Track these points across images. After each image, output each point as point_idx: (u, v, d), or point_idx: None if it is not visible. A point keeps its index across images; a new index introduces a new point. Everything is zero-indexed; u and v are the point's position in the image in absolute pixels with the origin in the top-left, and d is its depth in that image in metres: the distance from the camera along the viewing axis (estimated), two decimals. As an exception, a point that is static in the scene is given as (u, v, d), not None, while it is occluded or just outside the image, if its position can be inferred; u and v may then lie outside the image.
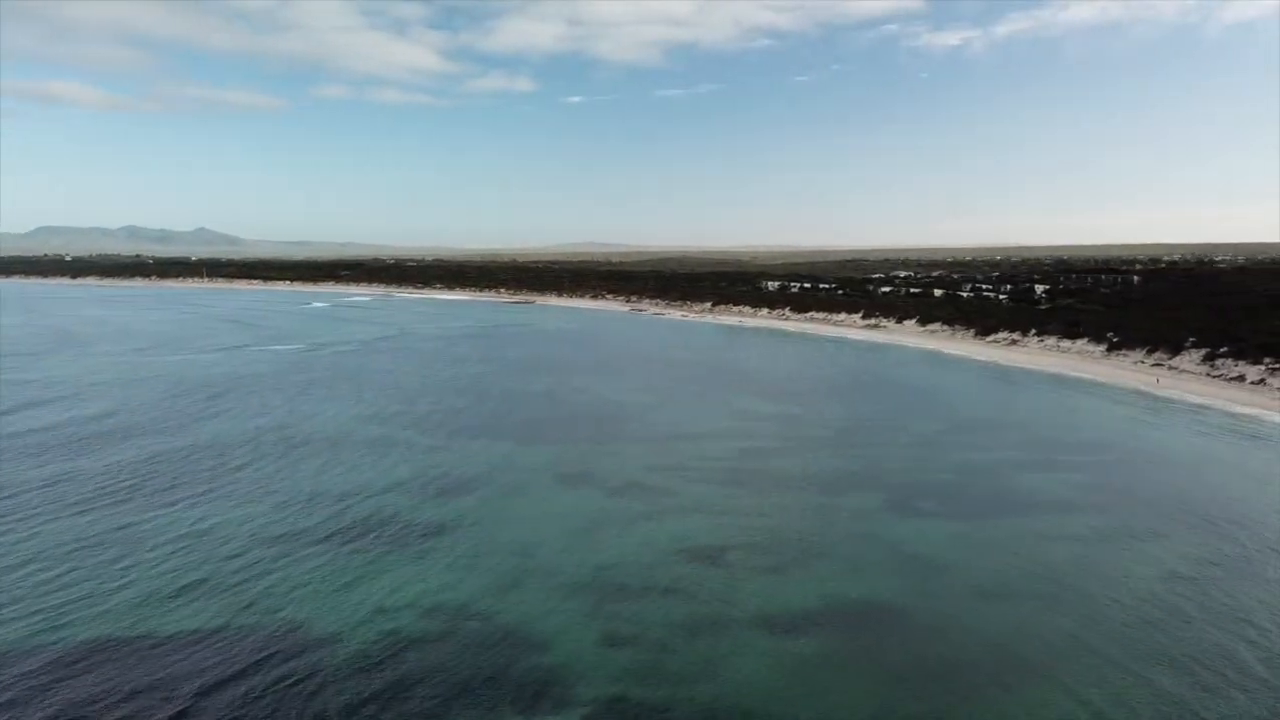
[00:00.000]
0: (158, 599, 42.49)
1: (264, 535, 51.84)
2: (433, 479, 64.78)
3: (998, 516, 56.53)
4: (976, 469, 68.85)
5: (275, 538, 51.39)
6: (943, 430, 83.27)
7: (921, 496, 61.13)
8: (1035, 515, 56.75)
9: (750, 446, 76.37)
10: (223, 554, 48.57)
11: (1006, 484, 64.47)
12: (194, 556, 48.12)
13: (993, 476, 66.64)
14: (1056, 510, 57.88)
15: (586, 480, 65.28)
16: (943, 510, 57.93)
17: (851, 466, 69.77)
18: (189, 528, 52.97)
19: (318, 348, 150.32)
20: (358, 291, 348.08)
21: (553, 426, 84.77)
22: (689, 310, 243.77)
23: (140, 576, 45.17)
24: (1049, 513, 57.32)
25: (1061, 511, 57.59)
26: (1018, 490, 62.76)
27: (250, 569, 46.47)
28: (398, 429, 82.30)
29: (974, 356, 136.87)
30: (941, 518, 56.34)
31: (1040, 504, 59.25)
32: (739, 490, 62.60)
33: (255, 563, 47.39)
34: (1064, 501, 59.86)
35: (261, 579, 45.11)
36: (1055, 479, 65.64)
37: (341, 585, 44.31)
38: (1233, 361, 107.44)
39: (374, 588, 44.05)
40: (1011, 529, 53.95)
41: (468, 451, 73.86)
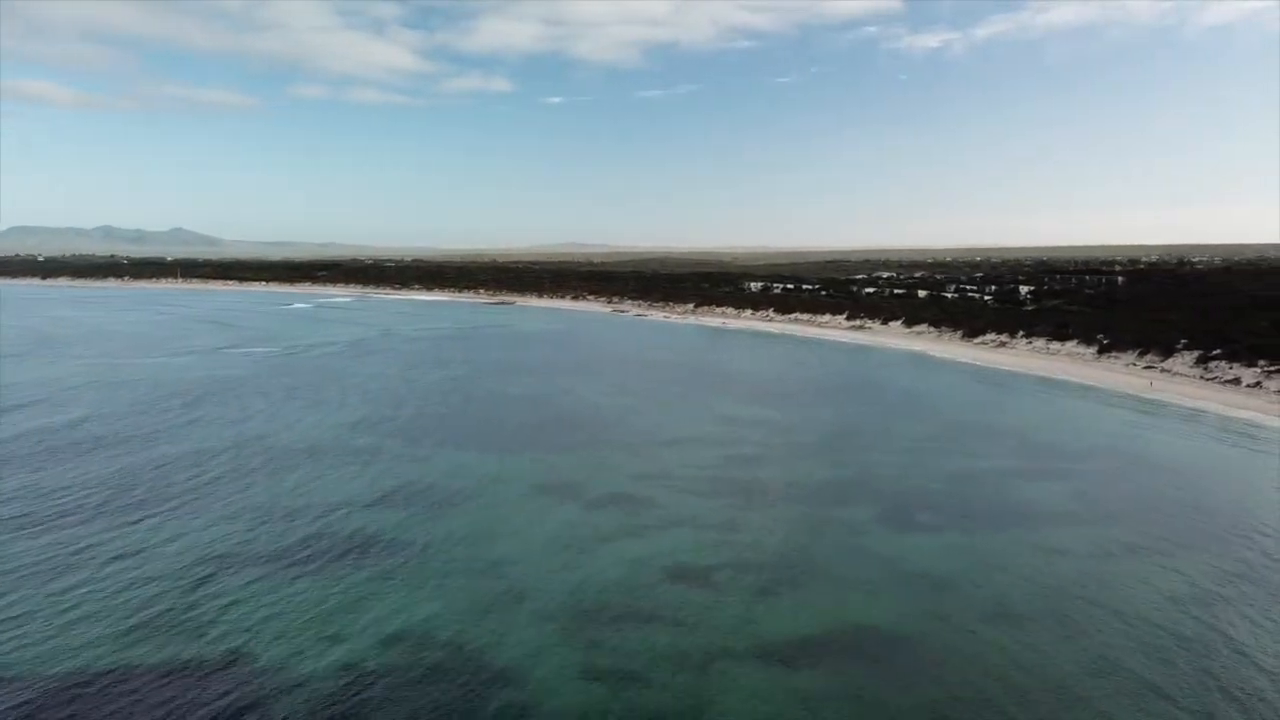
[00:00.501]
0: (111, 635, 38.82)
1: (227, 557, 48.30)
2: (405, 492, 61.33)
3: (997, 529, 53.80)
4: (972, 477, 66.17)
5: (238, 560, 47.88)
6: (935, 436, 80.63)
7: (917, 507, 58.32)
8: (1036, 528, 54.05)
9: (737, 453, 73.41)
10: (186, 581, 44.95)
11: (1004, 493, 61.79)
12: (154, 585, 44.40)
13: (989, 485, 63.95)
14: (1057, 522, 55.21)
15: (566, 491, 62.05)
16: (940, 522, 55.14)
17: (842, 475, 66.93)
18: (153, 549, 49.24)
19: (293, 350, 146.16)
20: (334, 292, 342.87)
21: (532, 433, 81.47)
22: (671, 311, 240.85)
23: (94, 609, 41.42)
24: (1050, 525, 54.63)
25: (1063, 523, 54.92)
26: (1016, 500, 60.08)
27: (212, 598, 42.97)
28: (372, 437, 78.75)
29: (962, 359, 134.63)
30: (939, 531, 53.55)
31: (1040, 515, 56.57)
32: (725, 501, 59.57)
33: (218, 593, 43.89)
34: (1065, 513, 57.21)
35: (222, 609, 41.64)
36: (1054, 488, 63.04)
37: (305, 613, 40.90)
38: (1226, 364, 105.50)
39: (337, 615, 40.67)
40: (1012, 543, 51.20)
41: (442, 461, 70.45)
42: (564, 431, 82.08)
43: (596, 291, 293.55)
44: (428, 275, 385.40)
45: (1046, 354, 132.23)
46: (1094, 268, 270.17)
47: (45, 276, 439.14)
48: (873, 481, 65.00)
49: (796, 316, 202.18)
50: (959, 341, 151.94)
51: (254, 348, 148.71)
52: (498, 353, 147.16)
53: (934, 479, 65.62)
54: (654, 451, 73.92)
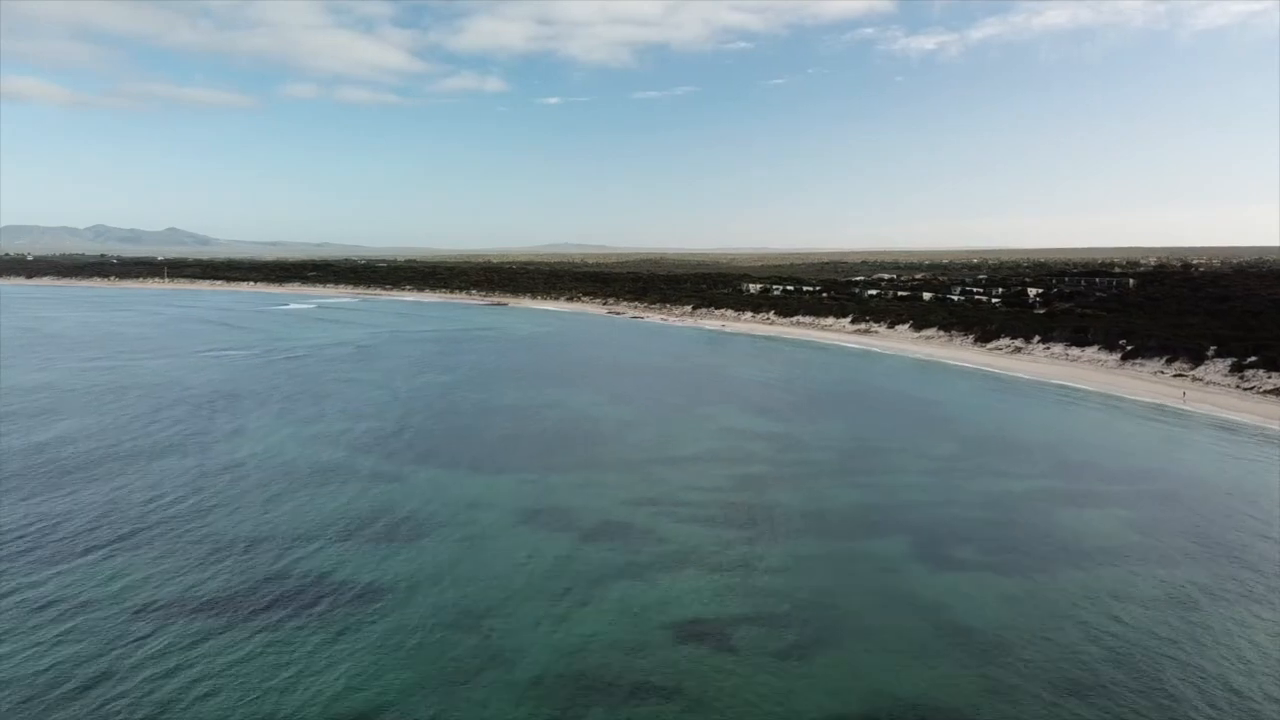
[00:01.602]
0: (34, 704, 31.92)
1: (170, 607, 41.26)
2: (377, 523, 54.29)
3: (1048, 568, 46.98)
4: (1009, 502, 59.38)
5: (181, 611, 40.85)
6: (961, 453, 73.90)
7: (954, 540, 51.52)
8: (1092, 566, 47.28)
9: (746, 474, 66.57)
10: (119, 639, 37.87)
11: (1048, 523, 54.96)
12: (80, 644, 37.24)
13: (1030, 512, 57.15)
14: (1116, 559, 48.44)
15: (557, 520, 55.11)
16: (982, 559, 48.34)
17: (865, 499, 60.10)
18: (89, 595, 42.12)
19: (271, 355, 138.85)
20: (324, 293, 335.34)
21: (521, 449, 74.56)
22: (669, 314, 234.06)
23: (13, 673, 34.47)
24: (1108, 563, 47.86)
25: (1122, 560, 48.16)
26: (1063, 532, 53.26)
27: (145, 664, 35.94)
28: (346, 454, 71.75)
29: (976, 365, 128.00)
30: (982, 570, 46.74)
31: (1094, 550, 49.77)
32: (738, 533, 52.69)
33: (152, 656, 36.85)
34: (1122, 547, 50.44)
35: (152, 680, 34.63)
36: (1103, 516, 56.29)
37: (249, 686, 33.93)
38: (1265, 373, 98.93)
39: (286, 688, 33.71)
40: (1071, 587, 44.38)
41: (421, 484, 63.46)
42: (556, 448, 75.17)
43: (592, 293, 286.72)
44: (420, 276, 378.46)
45: (1066, 360, 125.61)
46: (1100, 270, 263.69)
47: (30, 276, 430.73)
48: (899, 508, 58.18)
49: (799, 319, 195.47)
50: (971, 346, 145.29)
51: (232, 351, 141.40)
52: (488, 358, 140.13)
53: (967, 505, 58.86)
54: (655, 471, 67.04)
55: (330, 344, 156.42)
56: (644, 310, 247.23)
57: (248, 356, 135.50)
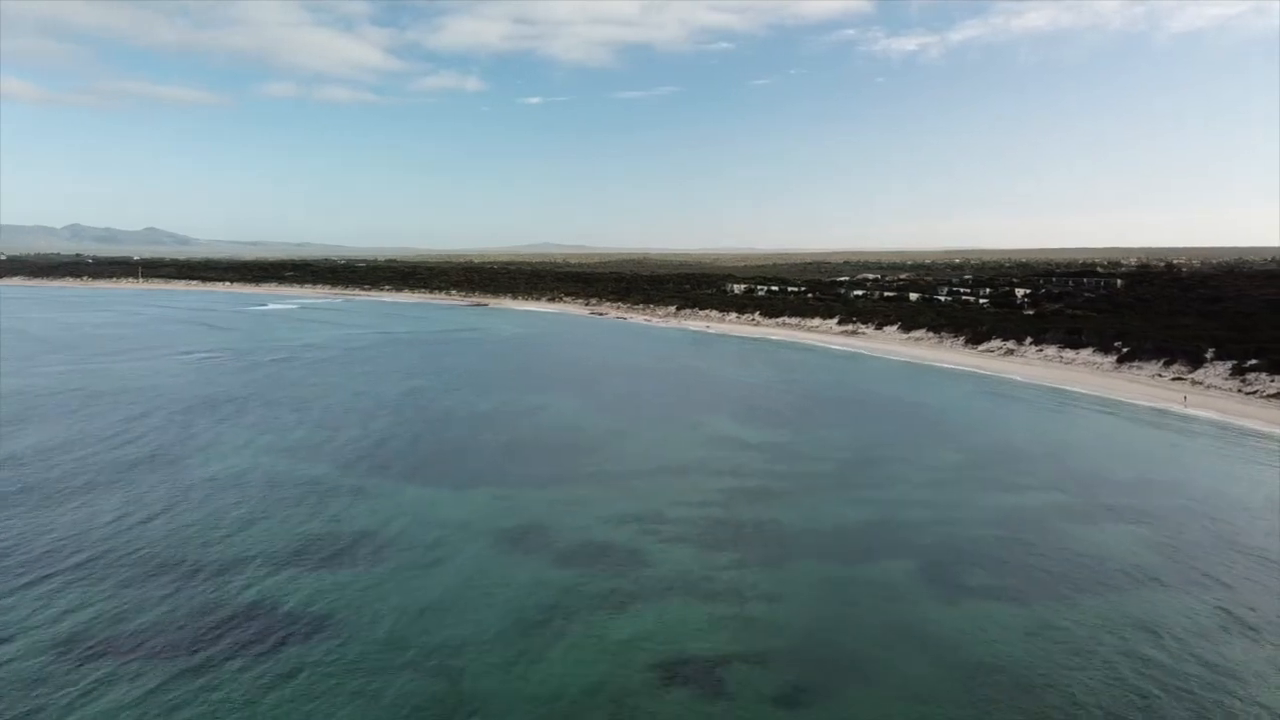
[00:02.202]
0: None
1: (97, 646, 36.68)
2: (337, 545, 49.80)
3: (1070, 597, 43.11)
4: (1019, 518, 55.54)
5: (108, 652, 36.29)
6: (961, 462, 70.14)
7: (964, 563, 47.62)
8: (1117, 594, 43.47)
9: (737, 487, 62.50)
10: (45, 676, 33.42)
11: (1063, 542, 51.13)
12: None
13: (1042, 530, 53.31)
14: (1140, 584, 44.66)
15: (534, 541, 50.84)
16: (999, 586, 44.42)
17: (865, 515, 56.15)
18: (12, 628, 37.70)
19: (238, 359, 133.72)
20: (300, 294, 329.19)
21: (497, 460, 70.24)
22: (652, 315, 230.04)
23: None
24: (1132, 589, 44.07)
25: (1147, 586, 44.39)
26: (1080, 552, 49.45)
27: (65, 705, 31.48)
28: (309, 465, 67.18)
29: (969, 367, 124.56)
30: (999, 599, 42.81)
31: (1116, 575, 45.98)
32: (729, 556, 48.59)
33: (73, 697, 32.36)
34: (1145, 570, 46.66)
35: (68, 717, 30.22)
36: (1121, 534, 52.55)
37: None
38: (1268, 376, 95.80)
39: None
40: (1095, 618, 40.49)
41: (388, 499, 59.00)
42: (535, 459, 70.84)
43: (575, 294, 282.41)
44: (400, 276, 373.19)
45: (1060, 363, 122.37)
46: (1087, 270, 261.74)
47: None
48: (902, 526, 54.25)
49: (784, 320, 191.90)
50: (962, 348, 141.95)
51: (199, 353, 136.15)
52: (466, 361, 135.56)
53: (974, 522, 55.00)
54: (640, 485, 62.85)
55: (303, 346, 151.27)
56: (627, 311, 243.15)
57: (214, 361, 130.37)
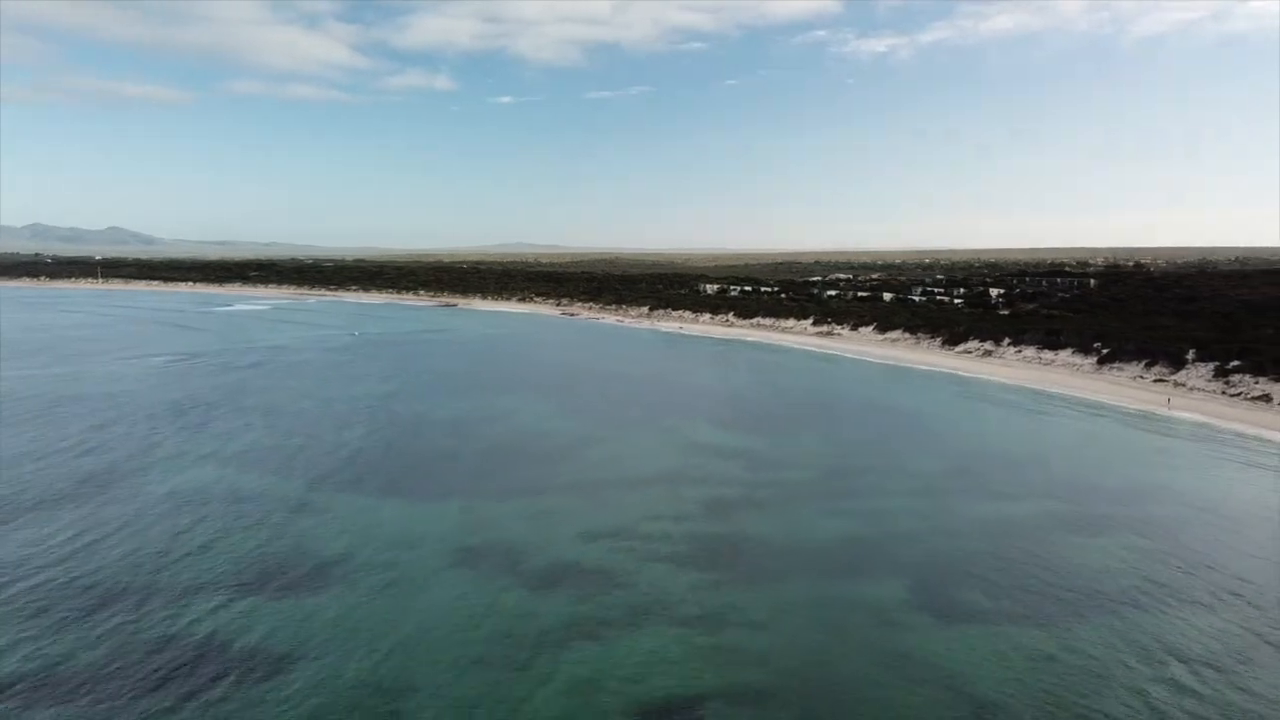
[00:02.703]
0: None
1: (34, 684, 32.72)
2: (294, 569, 45.88)
3: (1077, 617, 40.15)
4: (1013, 531, 52.65)
5: (46, 688, 32.34)
6: (948, 470, 67.28)
7: (958, 582, 44.58)
8: (1126, 613, 40.58)
9: (715, 498, 59.21)
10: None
11: (1062, 556, 48.25)
12: None
13: (1039, 543, 50.42)
14: (1150, 603, 41.81)
15: (500, 560, 47.23)
16: (996, 607, 41.39)
17: (850, 529, 53.04)
18: None
19: (197, 361, 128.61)
20: (266, 294, 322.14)
21: (466, 470, 66.50)
22: (625, 315, 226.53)
23: None
24: (1142, 608, 41.21)
25: (1158, 605, 41.54)
26: (1082, 567, 46.59)
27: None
28: (271, 480, 63.02)
29: (947, 369, 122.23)
30: (1000, 622, 39.77)
31: (1123, 593, 43.11)
32: (708, 576, 45.25)
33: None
34: (1153, 587, 43.83)
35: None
36: (1122, 547, 49.76)
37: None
38: (1251, 378, 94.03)
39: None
40: (1107, 641, 37.53)
41: (342, 515, 55.09)
42: (505, 468, 67.14)
43: (546, 294, 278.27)
44: (368, 276, 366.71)
45: (1040, 364, 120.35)
46: (1060, 270, 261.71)
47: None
48: (891, 540, 51.19)
49: (759, 321, 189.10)
50: (939, 350, 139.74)
51: (164, 357, 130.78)
52: (433, 364, 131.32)
53: (966, 535, 52.04)
54: (612, 497, 59.37)
55: (270, 349, 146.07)
56: (599, 311, 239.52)
57: (164, 365, 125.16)
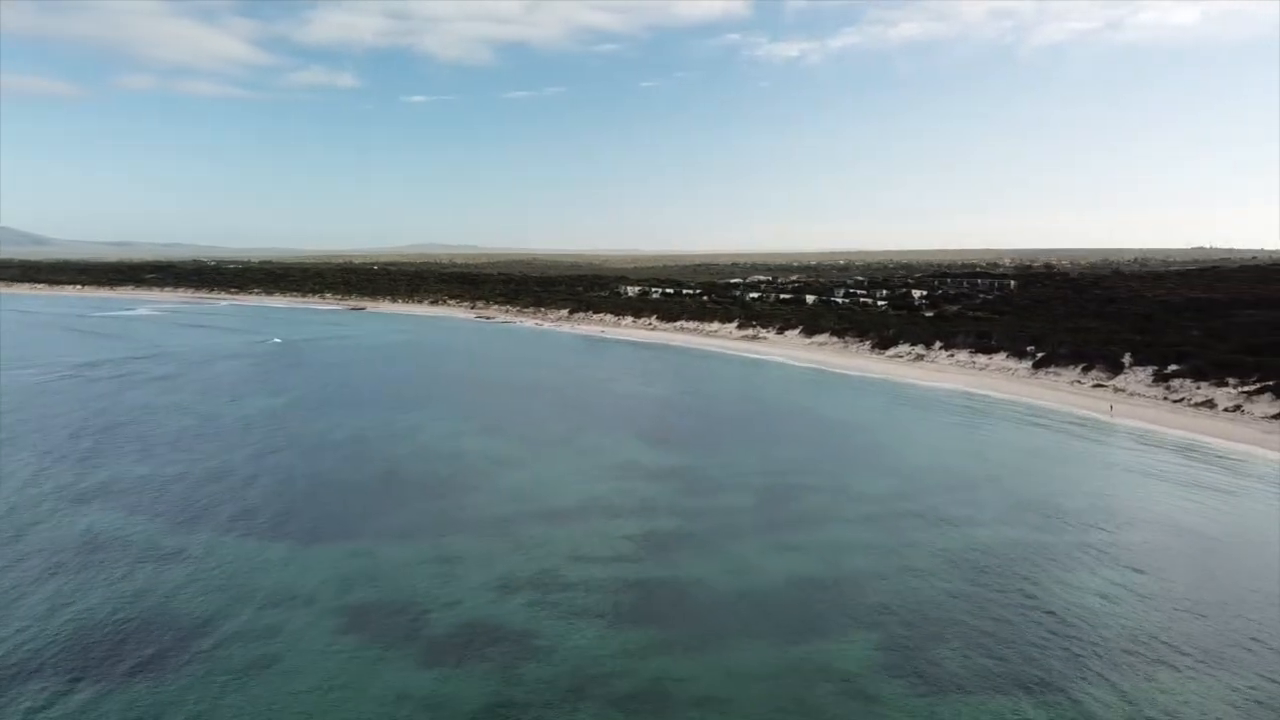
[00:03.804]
0: None
1: None
2: (159, 636, 37.33)
3: (1080, 678, 34.26)
4: (980, 565, 46.93)
5: None
6: (899, 491, 61.61)
7: (931, 635, 38.43)
8: (1138, 670, 34.92)
9: (647, 532, 52.22)
10: None
11: (1045, 596, 42.57)
12: None
13: (1014, 579, 44.71)
14: (1160, 654, 36.29)
15: (396, 622, 39.37)
16: (979, 669, 35.28)
17: (802, 569, 46.62)
18: None
19: (54, 375, 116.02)
20: (161, 298, 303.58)
21: (359, 504, 58.08)
22: (543, 318, 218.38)
23: None
24: (1155, 661, 35.64)
25: (1179, 660, 36.02)
26: (1066, 611, 40.90)
27: None
28: (131, 516, 53.67)
29: (879, 374, 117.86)
30: (986, 689, 33.65)
31: (1121, 639, 37.54)
32: (647, 637, 38.21)
33: None
34: (1157, 633, 38.38)
35: None
36: (1108, 583, 44.39)
37: None
38: (1192, 383, 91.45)
39: None
40: (1126, 710, 31.74)
41: (219, 562, 46.35)
42: (405, 500, 58.92)
43: (460, 296, 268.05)
44: (272, 278, 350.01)
45: (974, 368, 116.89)
46: (980, 271, 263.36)
47: None
48: (846, 582, 44.91)
49: (683, 325, 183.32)
50: (869, 354, 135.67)
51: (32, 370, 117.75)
52: (332, 373, 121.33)
53: (930, 572, 46.11)
54: (531, 534, 51.81)
55: (149, 357, 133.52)
56: (516, 314, 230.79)
57: (30, 378, 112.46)
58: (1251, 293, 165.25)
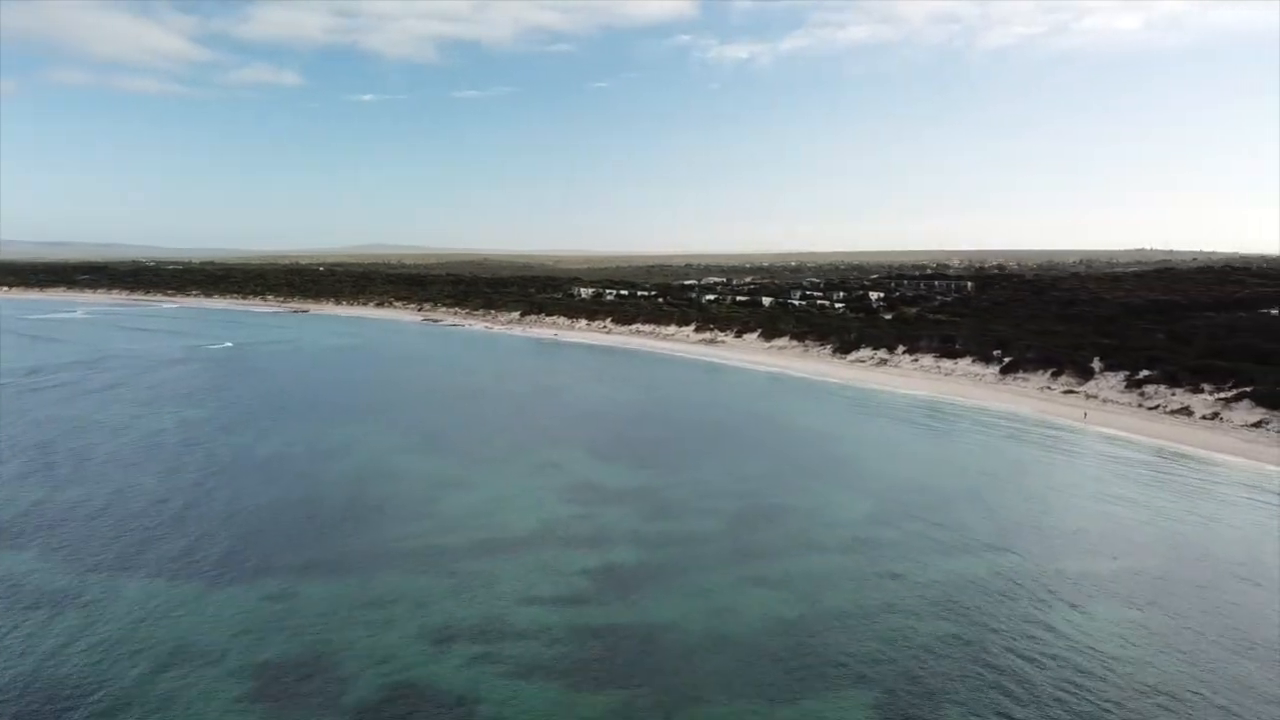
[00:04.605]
0: None
1: None
2: (18, 700, 31.04)
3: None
4: (980, 604, 42.20)
5: None
6: (875, 513, 56.85)
7: (934, 691, 33.53)
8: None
9: (607, 566, 46.75)
10: None
11: (1052, 644, 37.94)
12: None
13: (1018, 623, 40.04)
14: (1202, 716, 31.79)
15: (315, 685, 33.44)
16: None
17: (780, 609, 41.51)
18: None
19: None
20: (93, 301, 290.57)
21: (281, 535, 51.72)
22: (494, 321, 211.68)
23: None
24: None
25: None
26: (1090, 658, 36.29)
27: None
28: (21, 554, 46.89)
29: (843, 380, 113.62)
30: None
31: (1160, 700, 33.01)
32: (611, 698, 32.78)
33: None
34: (1199, 691, 33.92)
35: None
36: (1129, 626, 39.90)
37: None
38: (1167, 389, 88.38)
39: None
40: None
41: (115, 610, 39.99)
42: (328, 529, 52.66)
43: (407, 297, 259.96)
44: (213, 279, 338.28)
45: (939, 374, 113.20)
46: (937, 272, 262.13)
47: None
48: (836, 625, 39.90)
49: (638, 328, 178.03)
50: (830, 358, 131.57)
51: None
52: (268, 381, 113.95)
53: (924, 613, 41.26)
54: (474, 569, 46.02)
55: (70, 363, 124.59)
56: (465, 317, 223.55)
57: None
58: (1209, 294, 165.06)
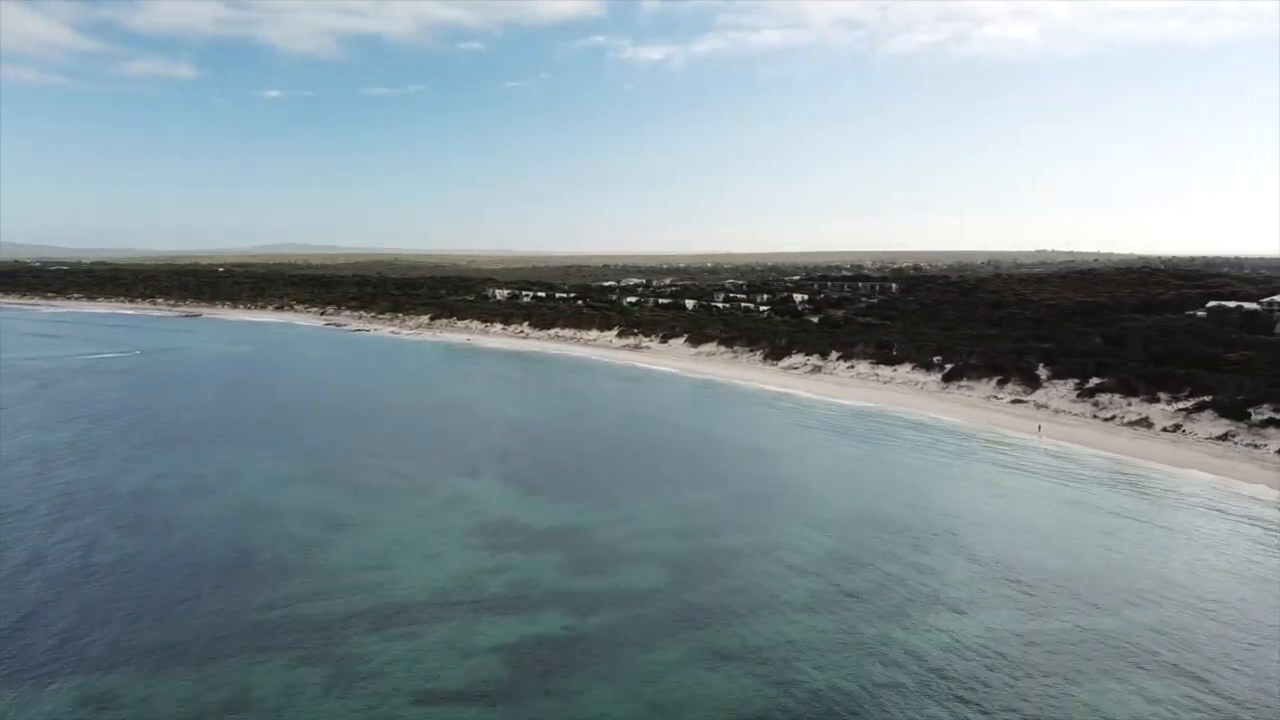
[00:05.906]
0: None
1: None
2: None
3: None
4: (983, 675, 34.76)
5: None
6: (841, 555, 49.27)
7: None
8: None
9: (527, 640, 37.83)
10: None
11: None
12: None
13: (1035, 702, 32.71)
14: None
15: None
16: None
17: (746, 696, 33.37)
18: None
19: None
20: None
21: (103, 603, 41.30)
22: (402, 325, 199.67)
23: None
24: None
25: None
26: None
27: None
28: None
29: (777, 388, 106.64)
30: None
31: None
32: None
33: None
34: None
35: None
36: (1154, 704, 32.94)
37: None
38: (1121, 399, 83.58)
39: None
40: None
41: None
42: (178, 594, 42.38)
43: (309, 301, 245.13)
44: (98, 281, 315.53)
45: (877, 381, 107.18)
46: (854, 274, 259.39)
47: None
48: (812, 713, 31.92)
49: (558, 332, 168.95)
50: (761, 365, 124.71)
51: None
52: (142, 399, 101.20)
53: (915, 689, 33.64)
54: (359, 651, 36.58)
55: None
56: (371, 321, 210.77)
57: None
58: (1134, 296, 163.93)
